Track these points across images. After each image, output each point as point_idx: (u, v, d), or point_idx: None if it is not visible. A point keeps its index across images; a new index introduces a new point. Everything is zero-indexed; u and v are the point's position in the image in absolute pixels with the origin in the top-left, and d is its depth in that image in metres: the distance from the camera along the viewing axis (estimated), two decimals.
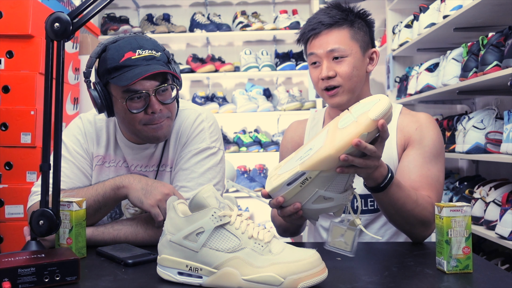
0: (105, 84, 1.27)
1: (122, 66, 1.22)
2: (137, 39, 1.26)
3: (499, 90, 2.46)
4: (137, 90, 1.23)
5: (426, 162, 1.32)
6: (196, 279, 0.91)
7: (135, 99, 1.24)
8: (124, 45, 1.24)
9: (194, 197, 0.91)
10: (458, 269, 0.96)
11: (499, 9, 2.26)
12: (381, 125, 1.00)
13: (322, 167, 1.01)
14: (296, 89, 4.07)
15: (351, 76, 1.35)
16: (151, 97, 1.24)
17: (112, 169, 1.39)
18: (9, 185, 2.07)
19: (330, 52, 1.34)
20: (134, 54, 1.23)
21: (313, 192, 1.03)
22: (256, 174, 3.95)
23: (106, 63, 1.24)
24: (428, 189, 1.29)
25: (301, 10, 4.17)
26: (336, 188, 1.04)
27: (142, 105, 1.25)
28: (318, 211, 1.07)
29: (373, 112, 1.00)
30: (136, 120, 1.26)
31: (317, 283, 0.86)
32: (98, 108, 1.27)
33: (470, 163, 3.07)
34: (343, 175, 1.04)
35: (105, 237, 1.24)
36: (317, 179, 1.02)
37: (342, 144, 0.99)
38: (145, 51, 1.24)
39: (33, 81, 2.11)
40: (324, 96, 1.39)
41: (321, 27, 1.35)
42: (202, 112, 1.41)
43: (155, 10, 4.18)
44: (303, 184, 1.02)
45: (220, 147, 1.40)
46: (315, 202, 1.05)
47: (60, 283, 0.92)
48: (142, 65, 1.22)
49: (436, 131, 1.38)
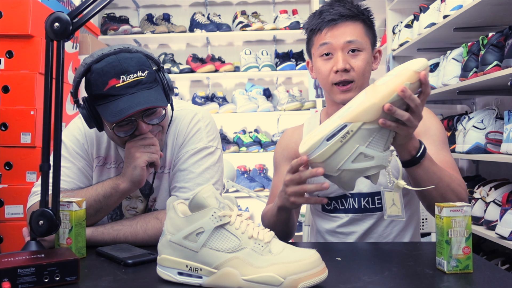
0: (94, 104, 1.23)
1: (107, 95, 1.19)
2: (121, 61, 1.20)
3: (499, 90, 2.46)
4: (124, 119, 1.20)
5: (439, 149, 1.32)
6: (196, 279, 0.91)
7: (123, 126, 1.23)
8: (107, 70, 1.19)
9: (194, 197, 0.91)
10: (458, 269, 0.96)
11: (499, 9, 2.26)
12: (424, 77, 0.98)
13: (365, 117, 0.98)
14: (296, 89, 4.06)
15: (364, 72, 1.33)
16: (139, 121, 1.23)
17: (113, 170, 1.39)
18: (9, 185, 2.07)
19: (347, 44, 1.32)
20: (118, 81, 1.18)
21: (354, 148, 1.00)
22: (256, 174, 3.95)
23: (91, 88, 1.21)
24: (452, 172, 1.27)
25: (301, 10, 4.17)
26: (377, 145, 1.02)
27: (129, 128, 1.23)
28: (358, 172, 1.03)
29: (414, 64, 0.99)
30: (124, 141, 1.26)
31: (317, 283, 0.86)
32: (89, 125, 1.25)
33: (470, 163, 3.07)
34: (384, 131, 1.01)
35: (105, 237, 1.24)
36: (359, 133, 0.99)
37: (386, 92, 0.97)
38: (129, 76, 1.19)
39: (33, 81, 2.11)
40: (333, 90, 1.35)
41: (341, 18, 1.32)
42: (198, 112, 1.40)
43: (155, 10, 4.18)
44: (344, 138, 0.99)
45: (217, 146, 1.40)
46: (355, 160, 1.01)
47: (60, 283, 0.92)
48: (127, 94, 1.18)
49: (437, 119, 1.40)
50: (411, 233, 1.42)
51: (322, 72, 1.35)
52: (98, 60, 1.21)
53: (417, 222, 1.47)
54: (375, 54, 1.41)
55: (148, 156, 1.23)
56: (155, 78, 1.25)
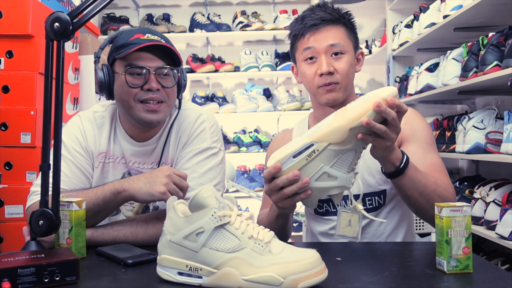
0: (111, 63, 1.32)
1: (130, 43, 1.27)
2: (150, 28, 1.34)
3: (499, 90, 2.46)
4: (138, 65, 1.28)
5: (426, 152, 1.34)
6: (196, 279, 0.91)
7: (135, 75, 1.28)
8: (136, 30, 1.32)
9: (194, 197, 0.91)
10: (458, 269, 0.96)
11: (499, 9, 2.26)
12: (390, 101, 1.01)
13: (331, 138, 1.01)
14: (296, 89, 4.06)
15: (348, 74, 1.36)
16: (151, 74, 1.28)
17: (111, 165, 1.39)
18: (9, 185, 2.07)
19: (330, 47, 1.35)
20: (143, 36, 1.28)
21: (318, 167, 1.03)
22: (256, 174, 3.95)
23: (116, 42, 1.31)
24: (439, 176, 1.30)
25: (301, 10, 4.13)
26: (341, 166, 1.04)
27: (141, 82, 1.29)
28: (320, 191, 1.06)
29: (383, 92, 1.02)
30: (131, 95, 1.29)
31: (317, 283, 0.86)
32: (99, 87, 1.31)
33: (470, 163, 3.07)
34: (350, 153, 1.04)
35: (105, 238, 1.23)
36: (324, 153, 1.02)
37: (354, 116, 1.00)
38: (155, 36, 1.30)
39: (33, 81, 2.11)
40: (319, 92, 1.37)
41: (322, 22, 1.36)
42: (203, 113, 1.41)
43: (155, 10, 4.18)
44: (309, 157, 1.02)
45: (221, 148, 1.40)
46: (318, 179, 1.04)
47: (60, 283, 0.92)
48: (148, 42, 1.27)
49: (423, 120, 1.41)
50: (403, 231, 1.44)
51: (307, 76, 1.39)
52: (129, 28, 1.32)
53: (410, 221, 1.49)
54: (358, 56, 1.44)
55: (168, 187, 1.20)
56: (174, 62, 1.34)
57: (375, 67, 4.13)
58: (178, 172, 1.23)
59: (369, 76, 4.23)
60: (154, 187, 1.20)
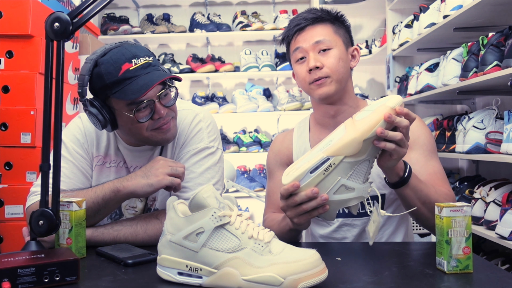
0: (104, 99, 1.25)
1: (123, 79, 1.21)
2: (127, 48, 1.24)
3: (499, 90, 2.46)
4: (142, 100, 1.23)
5: (428, 160, 1.35)
6: (196, 279, 0.91)
7: (142, 110, 1.25)
8: (117, 57, 1.22)
9: (194, 197, 0.91)
10: (458, 269, 0.96)
11: (499, 9, 2.26)
12: (399, 110, 1.04)
13: (347, 151, 1.03)
14: (296, 89, 4.06)
15: (338, 67, 1.36)
16: (156, 103, 1.25)
17: (113, 169, 1.39)
18: (9, 185, 2.07)
19: (316, 44, 1.36)
20: (130, 64, 1.22)
21: (336, 180, 1.05)
22: (256, 174, 3.94)
23: (103, 79, 1.22)
24: (440, 184, 1.31)
25: (301, 10, 4.10)
26: (357, 177, 1.06)
27: (148, 113, 1.26)
28: (339, 204, 1.07)
29: (390, 101, 1.04)
30: (143, 128, 1.27)
31: (317, 283, 0.86)
32: (101, 124, 1.25)
33: (470, 163, 3.07)
34: (364, 164, 1.06)
35: (105, 238, 1.24)
36: (341, 166, 1.04)
37: (367, 127, 1.02)
38: (140, 59, 1.23)
39: (33, 81, 2.11)
40: (311, 89, 1.38)
41: (306, 22, 1.38)
42: (200, 112, 1.41)
43: (155, 10, 4.18)
44: (326, 171, 1.04)
45: (218, 147, 1.40)
46: (337, 192, 1.05)
47: (60, 283, 0.92)
48: (142, 74, 1.22)
49: (426, 127, 1.42)
50: (402, 234, 1.45)
51: (299, 75, 1.40)
52: (103, 54, 1.24)
53: (408, 224, 1.49)
54: (352, 52, 1.44)
55: (170, 182, 1.23)
56: (159, 63, 1.29)
57: (375, 67, 4.13)
58: (172, 163, 1.26)
59: (369, 76, 4.23)
60: (151, 177, 1.22)
